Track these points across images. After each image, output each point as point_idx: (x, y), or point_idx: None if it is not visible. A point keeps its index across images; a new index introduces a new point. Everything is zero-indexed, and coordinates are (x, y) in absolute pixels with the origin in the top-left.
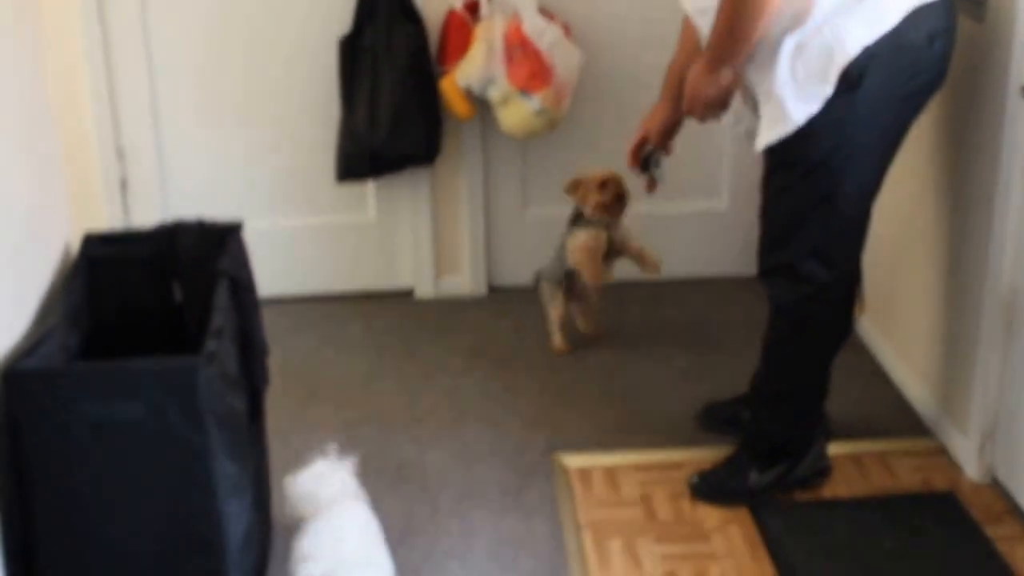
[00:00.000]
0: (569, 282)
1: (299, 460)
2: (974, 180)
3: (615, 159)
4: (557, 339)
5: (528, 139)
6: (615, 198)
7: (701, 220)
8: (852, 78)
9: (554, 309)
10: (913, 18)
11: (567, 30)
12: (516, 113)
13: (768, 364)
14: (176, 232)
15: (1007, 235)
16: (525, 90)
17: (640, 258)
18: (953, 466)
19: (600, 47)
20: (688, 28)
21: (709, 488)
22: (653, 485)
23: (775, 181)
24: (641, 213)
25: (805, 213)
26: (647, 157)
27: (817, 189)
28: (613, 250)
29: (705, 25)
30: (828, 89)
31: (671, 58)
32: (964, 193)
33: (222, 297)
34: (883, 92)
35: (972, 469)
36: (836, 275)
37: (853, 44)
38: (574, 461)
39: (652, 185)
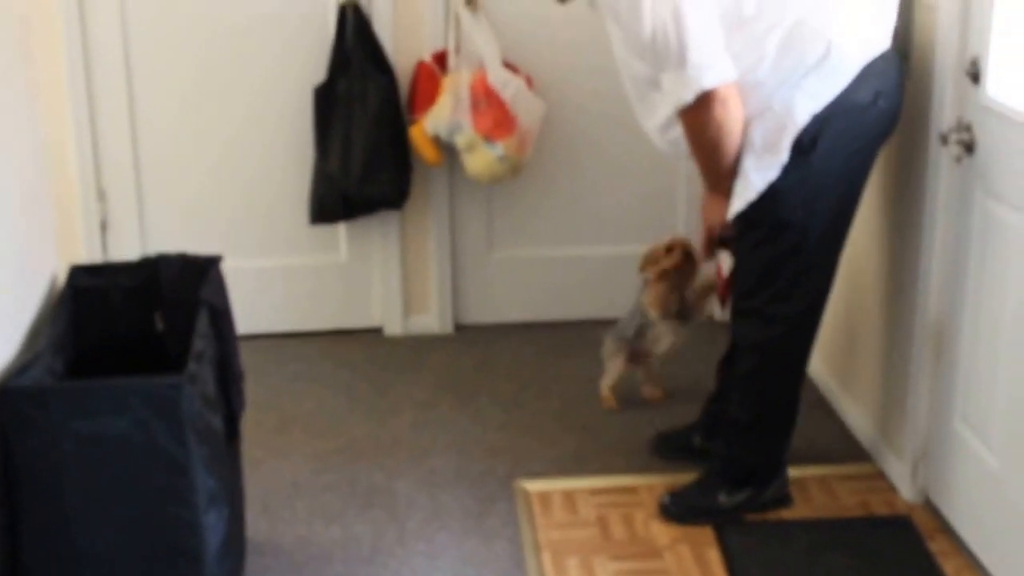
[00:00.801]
0: (636, 341)
1: (273, 485)
2: (905, 219)
3: (576, 201)
4: (607, 393)
5: (492, 184)
6: (683, 259)
7: None
8: (804, 144)
9: (613, 365)
10: (859, 80)
11: (530, 82)
12: (481, 159)
13: (739, 395)
14: (159, 264)
15: (933, 270)
16: (489, 138)
17: (699, 300)
18: (890, 489)
19: (561, 98)
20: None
21: (679, 507)
22: (609, 508)
23: (747, 239)
24: (601, 254)
25: (776, 266)
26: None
27: (786, 244)
28: (685, 309)
29: (660, 141)
30: (784, 157)
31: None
32: (897, 232)
33: (203, 324)
34: (835, 150)
35: (907, 491)
36: (804, 316)
37: (802, 114)
38: (534, 486)
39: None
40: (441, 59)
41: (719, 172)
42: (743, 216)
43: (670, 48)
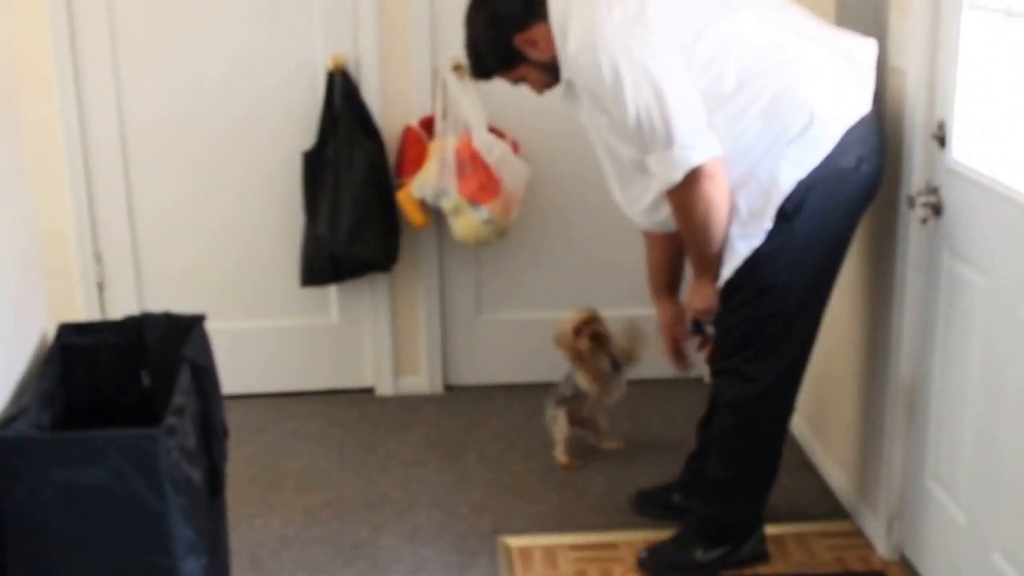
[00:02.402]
0: (575, 400)
1: (263, 539)
2: (877, 280)
3: (563, 265)
4: (562, 456)
5: (479, 246)
6: (593, 339)
7: (642, 324)
8: (788, 211)
9: (558, 427)
10: (842, 144)
11: (515, 146)
12: (466, 222)
13: (717, 453)
14: (144, 323)
15: (904, 330)
16: (474, 201)
17: (630, 346)
18: (866, 545)
19: (546, 162)
20: (647, 236)
21: (657, 562)
22: (588, 563)
23: (732, 300)
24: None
25: (757, 327)
26: (695, 327)
27: (768, 307)
28: (616, 361)
29: (648, 222)
30: (768, 224)
31: (647, 263)
32: (871, 292)
33: (184, 380)
34: (819, 215)
35: (882, 547)
36: (783, 376)
37: (786, 183)
38: (516, 542)
39: (706, 343)
40: (428, 124)
41: (710, 250)
42: (727, 280)
43: (655, 129)
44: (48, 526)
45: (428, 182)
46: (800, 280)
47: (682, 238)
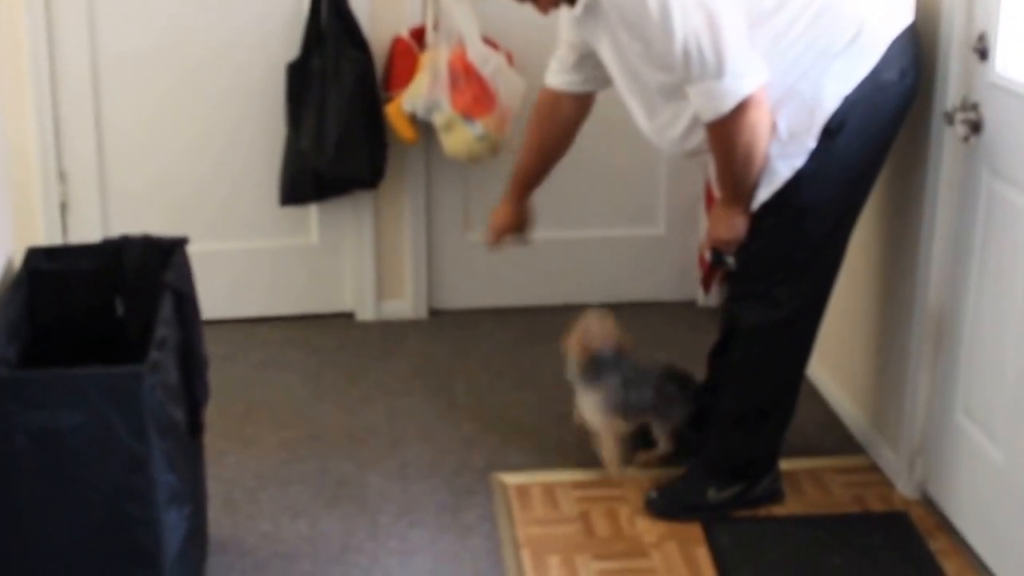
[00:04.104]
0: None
1: (237, 478)
2: (905, 201)
3: (557, 183)
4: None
5: (471, 163)
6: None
7: (638, 245)
8: (833, 128)
9: (607, 447)
10: (886, 57)
11: (510, 58)
12: (459, 138)
13: (735, 384)
14: (122, 247)
15: (934, 255)
16: (468, 116)
17: None
18: (885, 483)
19: (542, 75)
20: (537, 124)
21: (667, 503)
22: (592, 502)
23: (764, 222)
24: (579, 238)
25: (789, 249)
26: (716, 258)
27: (802, 228)
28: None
29: (676, 151)
30: (811, 143)
31: (523, 155)
32: (896, 214)
33: (166, 310)
34: (861, 132)
35: (903, 485)
36: (811, 299)
37: (831, 98)
38: (513, 479)
39: (725, 274)
40: (419, 35)
41: (749, 179)
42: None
43: (705, 59)
44: (18, 474)
45: (419, 95)
46: (837, 200)
47: (716, 167)
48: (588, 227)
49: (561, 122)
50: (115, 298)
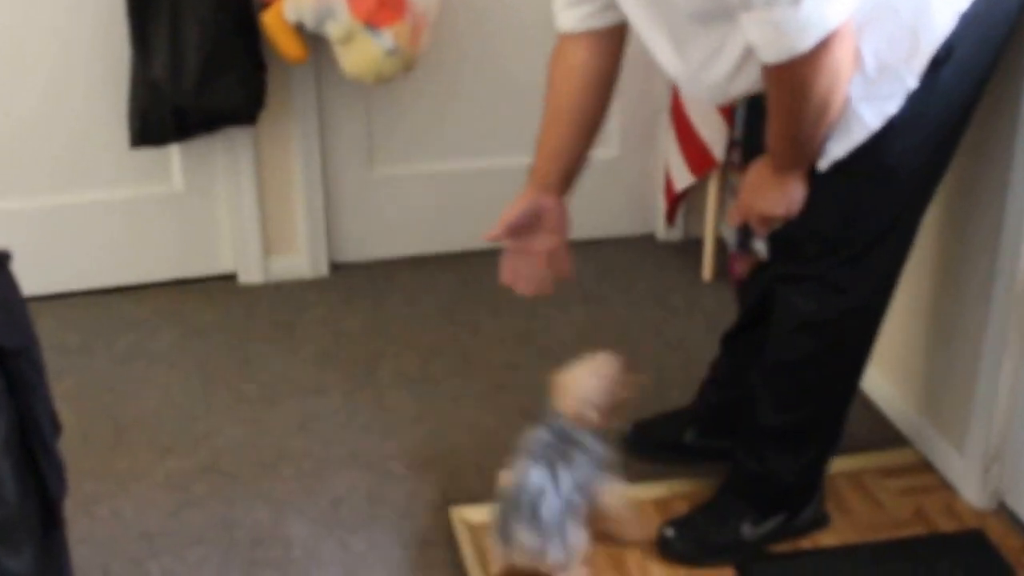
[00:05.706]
0: None
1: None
2: (985, 152)
3: (476, 106)
4: None
5: (378, 84)
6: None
7: (587, 170)
8: (940, 58)
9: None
10: None
11: None
12: (362, 53)
13: (780, 393)
14: None
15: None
16: (372, 24)
17: None
18: (943, 486)
19: None
20: (555, 87)
21: (688, 544)
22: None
23: (830, 187)
24: (513, 165)
25: (859, 220)
26: (742, 241)
27: (884, 197)
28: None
29: (718, 97)
30: (911, 81)
31: (544, 138)
32: (972, 170)
33: None
34: (973, 61)
35: (973, 494)
36: (880, 285)
37: (944, 19)
38: (479, 515)
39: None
40: None
41: (816, 137)
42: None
43: None
44: None
45: (307, 1)
46: (930, 155)
47: (776, 120)
48: (524, 152)
49: (586, 76)
50: None
